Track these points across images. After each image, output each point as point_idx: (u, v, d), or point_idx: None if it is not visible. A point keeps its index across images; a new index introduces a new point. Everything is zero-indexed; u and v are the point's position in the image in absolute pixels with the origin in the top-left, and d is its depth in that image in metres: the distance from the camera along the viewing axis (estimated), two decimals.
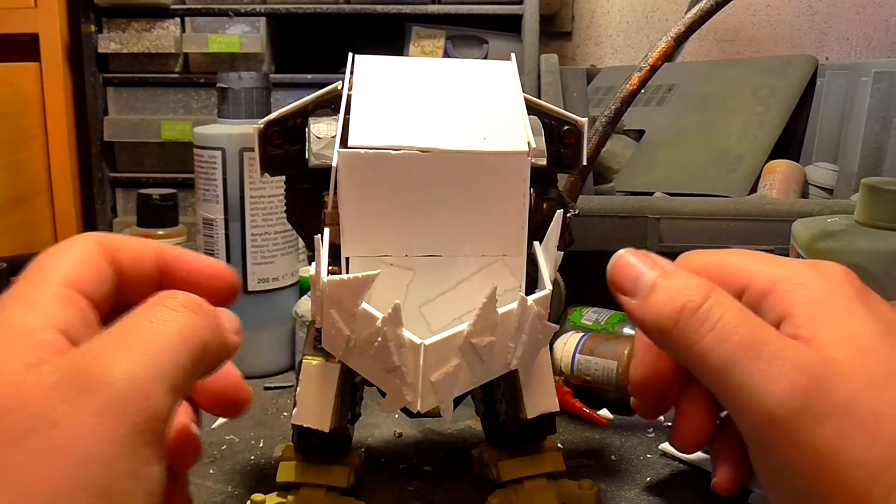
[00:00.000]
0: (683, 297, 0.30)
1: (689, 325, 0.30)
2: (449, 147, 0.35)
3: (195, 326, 0.27)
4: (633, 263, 0.32)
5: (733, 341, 0.29)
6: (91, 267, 0.29)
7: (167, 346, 0.26)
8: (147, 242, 0.32)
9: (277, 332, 0.60)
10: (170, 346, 0.26)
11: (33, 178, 1.46)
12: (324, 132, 0.38)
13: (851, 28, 1.76)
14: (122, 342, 0.26)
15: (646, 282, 0.32)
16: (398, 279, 0.36)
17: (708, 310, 0.29)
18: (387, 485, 0.44)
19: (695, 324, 0.29)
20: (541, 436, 0.41)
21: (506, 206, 0.36)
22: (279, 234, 0.59)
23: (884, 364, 0.28)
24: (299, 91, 1.44)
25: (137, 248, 0.31)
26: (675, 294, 0.30)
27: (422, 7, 1.52)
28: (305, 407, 0.39)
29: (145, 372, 0.25)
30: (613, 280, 0.33)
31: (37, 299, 0.27)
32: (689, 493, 0.43)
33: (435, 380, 0.32)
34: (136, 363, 0.25)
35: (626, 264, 0.33)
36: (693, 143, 1.03)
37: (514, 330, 0.34)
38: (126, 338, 0.26)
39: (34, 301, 0.27)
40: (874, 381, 0.28)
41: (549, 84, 0.80)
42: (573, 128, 0.40)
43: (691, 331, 0.29)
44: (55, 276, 0.28)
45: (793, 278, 0.31)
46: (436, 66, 0.40)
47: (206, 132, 0.58)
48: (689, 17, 0.48)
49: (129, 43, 1.49)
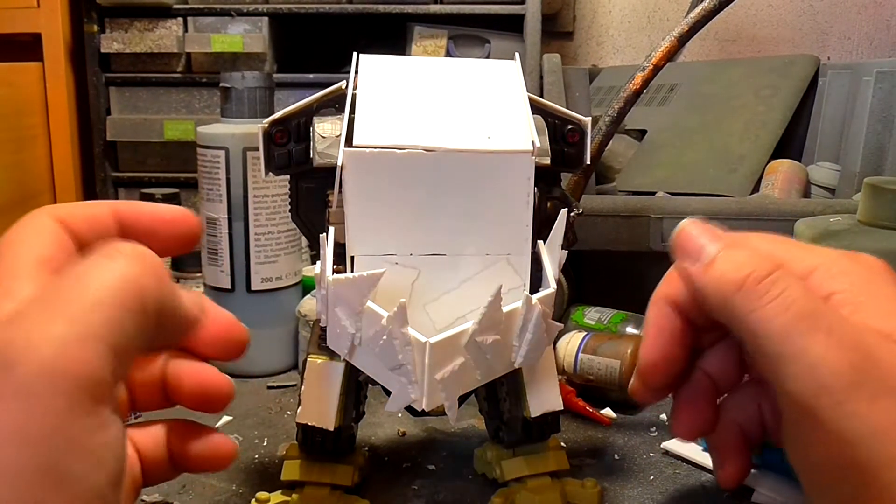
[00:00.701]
0: (748, 268, 0.31)
1: (752, 292, 0.30)
2: (453, 146, 0.35)
3: (130, 274, 0.25)
4: (697, 234, 0.33)
5: (794, 311, 0.29)
6: (54, 242, 0.28)
7: (95, 302, 0.23)
8: (99, 203, 0.30)
9: (280, 332, 0.60)
10: (98, 300, 0.23)
11: (36, 177, 1.46)
12: (328, 131, 0.39)
13: (853, 28, 1.76)
14: (45, 306, 0.23)
15: (710, 251, 0.32)
16: (403, 278, 0.36)
17: (773, 281, 0.30)
18: (390, 483, 0.44)
19: (759, 291, 0.30)
20: (544, 434, 0.41)
21: (510, 206, 0.36)
22: (282, 234, 0.59)
23: None
24: (301, 90, 1.45)
25: (91, 211, 0.30)
26: (741, 264, 0.31)
27: (424, 7, 1.52)
28: (310, 405, 0.39)
29: (71, 335, 0.22)
30: (677, 245, 0.34)
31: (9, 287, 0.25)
32: (692, 492, 0.43)
33: (440, 378, 0.32)
34: (60, 327, 0.22)
35: (690, 234, 0.33)
36: (695, 142, 1.03)
37: (518, 328, 0.34)
38: (49, 300, 0.23)
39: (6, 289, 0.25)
40: None
41: (552, 84, 0.80)
42: (577, 127, 0.40)
43: (754, 297, 0.30)
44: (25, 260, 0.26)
45: (831, 266, 0.31)
46: (440, 65, 0.40)
47: (210, 132, 0.59)
48: (693, 16, 0.48)
49: (132, 43, 1.49)
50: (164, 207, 0.31)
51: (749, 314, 0.30)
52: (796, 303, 0.29)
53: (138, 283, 0.25)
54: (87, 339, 0.23)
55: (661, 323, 0.35)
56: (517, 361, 0.35)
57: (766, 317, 0.29)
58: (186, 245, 0.31)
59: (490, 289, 0.32)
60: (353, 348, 0.34)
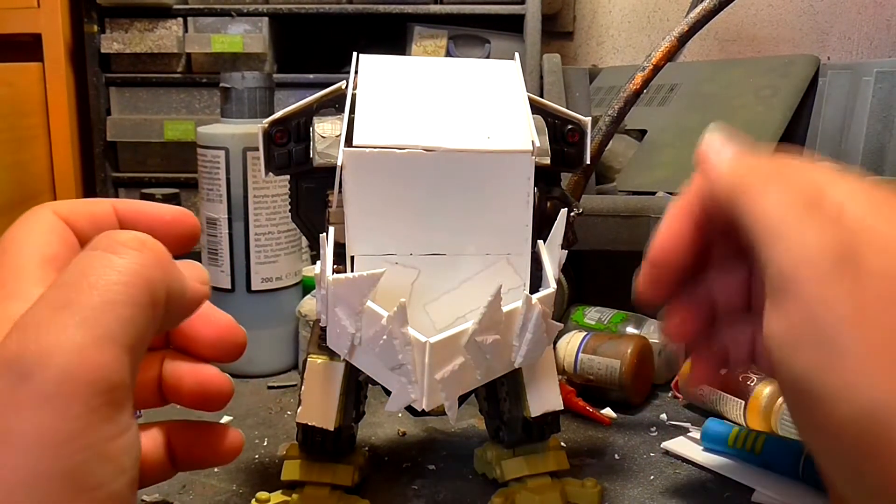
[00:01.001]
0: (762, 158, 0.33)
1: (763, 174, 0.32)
2: (453, 146, 0.35)
3: (137, 267, 0.24)
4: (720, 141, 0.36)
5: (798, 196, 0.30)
6: (57, 239, 0.28)
7: (105, 301, 0.23)
8: (100, 201, 0.30)
9: (280, 332, 0.60)
10: (109, 300, 0.23)
11: (36, 178, 1.46)
12: (328, 131, 0.39)
13: (853, 28, 1.76)
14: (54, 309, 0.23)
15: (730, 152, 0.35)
16: (403, 278, 0.36)
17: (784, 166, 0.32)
18: (391, 483, 0.44)
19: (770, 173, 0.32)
20: (545, 434, 0.41)
21: (510, 205, 0.36)
22: (282, 234, 0.59)
23: None
24: (301, 91, 1.45)
25: (93, 208, 0.29)
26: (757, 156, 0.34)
27: (423, 7, 1.52)
28: (310, 405, 0.39)
29: (86, 339, 0.22)
30: (701, 152, 0.36)
31: (14, 287, 0.25)
32: (692, 492, 0.43)
33: (440, 378, 0.32)
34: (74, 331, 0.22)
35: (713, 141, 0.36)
36: (695, 142, 1.02)
37: (518, 328, 0.34)
38: (59, 302, 0.23)
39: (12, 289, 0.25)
40: None
41: (552, 84, 0.80)
42: (577, 127, 0.40)
43: (764, 178, 0.32)
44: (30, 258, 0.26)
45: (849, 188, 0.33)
46: (440, 65, 0.40)
47: (210, 132, 0.59)
48: (693, 16, 0.48)
49: (132, 43, 1.49)
50: (164, 207, 0.31)
51: (758, 195, 0.31)
52: (803, 191, 0.31)
53: (145, 276, 0.24)
54: (102, 342, 0.22)
55: (677, 217, 0.36)
56: (517, 361, 0.35)
57: (772, 197, 0.31)
58: (186, 245, 0.31)
59: (490, 289, 0.32)
60: (353, 348, 0.34)
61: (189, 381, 0.30)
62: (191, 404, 0.31)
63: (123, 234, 0.25)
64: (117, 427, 0.23)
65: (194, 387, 0.30)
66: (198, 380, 0.30)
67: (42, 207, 0.29)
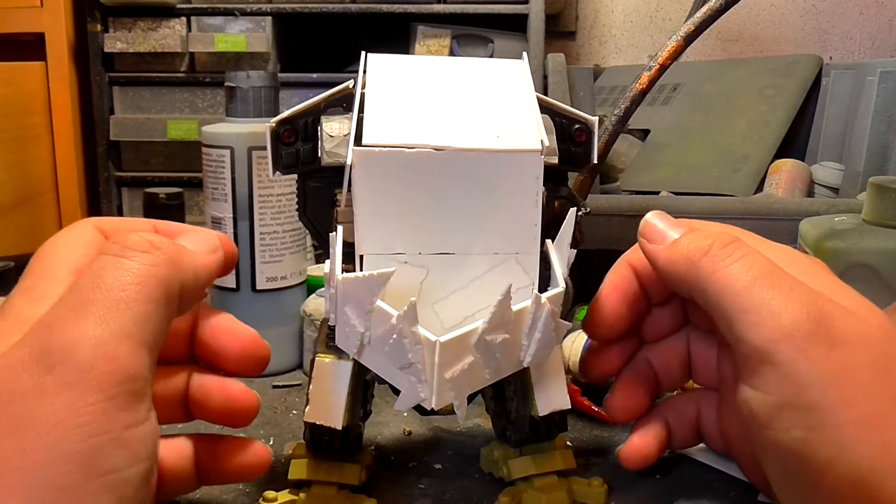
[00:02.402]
0: (713, 238, 0.33)
1: (718, 254, 0.32)
2: (463, 145, 0.35)
3: (149, 267, 0.26)
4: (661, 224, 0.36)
5: (756, 270, 0.31)
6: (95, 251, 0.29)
7: (122, 300, 0.25)
8: (141, 221, 0.31)
9: (285, 331, 0.60)
10: (125, 298, 0.25)
11: (39, 177, 1.46)
12: (336, 130, 0.39)
13: (855, 28, 1.76)
14: (76, 307, 0.25)
15: (672, 234, 0.35)
16: (412, 277, 0.36)
17: (736, 246, 0.33)
18: (397, 483, 0.44)
19: (724, 253, 0.32)
20: (552, 433, 0.41)
21: (519, 205, 0.36)
22: (287, 233, 0.59)
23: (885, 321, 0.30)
24: (305, 90, 1.45)
25: (133, 226, 0.31)
26: (706, 236, 0.33)
27: (427, 6, 1.53)
28: (318, 404, 0.39)
29: (106, 333, 0.24)
30: (643, 234, 0.37)
31: (44, 290, 0.27)
32: (698, 491, 0.43)
33: (449, 377, 0.32)
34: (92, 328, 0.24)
35: (654, 224, 0.36)
36: (698, 142, 1.03)
37: (527, 327, 0.34)
38: (80, 301, 0.25)
39: (42, 292, 0.27)
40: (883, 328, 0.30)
41: (556, 83, 0.81)
42: (584, 126, 0.40)
43: (720, 258, 0.32)
44: (61, 265, 0.28)
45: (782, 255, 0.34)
46: (448, 64, 0.40)
47: (215, 131, 0.59)
48: (699, 16, 0.48)
49: (135, 42, 1.49)
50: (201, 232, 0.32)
51: (714, 273, 0.32)
52: (758, 263, 0.31)
53: (157, 275, 0.26)
54: (119, 337, 0.24)
55: (620, 279, 0.38)
56: (526, 360, 0.35)
57: (730, 274, 0.32)
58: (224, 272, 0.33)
59: (499, 288, 0.32)
60: (362, 347, 0.34)
61: (217, 396, 0.31)
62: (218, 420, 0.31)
63: (133, 236, 0.27)
64: (134, 417, 0.24)
65: (222, 402, 0.31)
66: (226, 396, 0.31)
67: (84, 221, 0.30)
